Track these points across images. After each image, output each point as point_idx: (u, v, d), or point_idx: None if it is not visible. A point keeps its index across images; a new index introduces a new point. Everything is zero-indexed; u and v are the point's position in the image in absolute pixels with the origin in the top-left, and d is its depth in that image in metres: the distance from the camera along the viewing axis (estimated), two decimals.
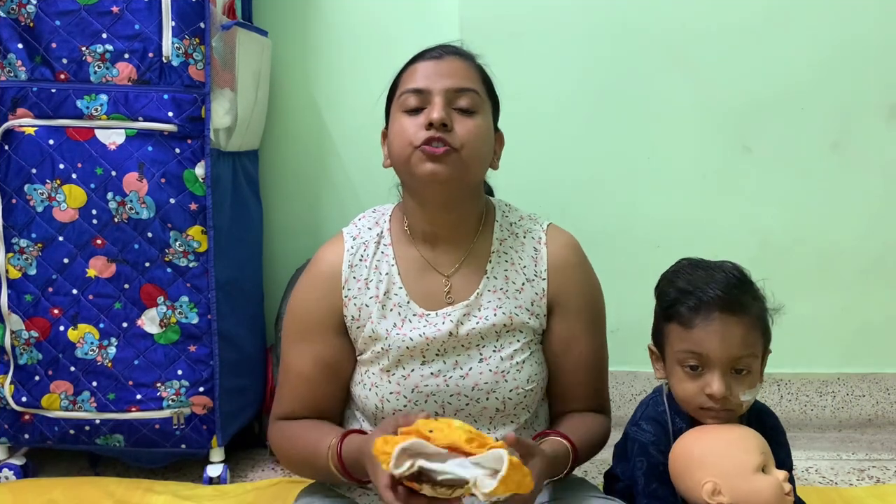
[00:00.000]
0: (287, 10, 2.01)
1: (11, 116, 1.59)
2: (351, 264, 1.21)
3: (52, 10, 1.57)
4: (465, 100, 1.15)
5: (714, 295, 1.14)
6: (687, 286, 1.17)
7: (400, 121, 1.16)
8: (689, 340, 1.15)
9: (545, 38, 1.97)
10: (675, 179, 2.00)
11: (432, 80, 1.15)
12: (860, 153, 1.97)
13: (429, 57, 1.19)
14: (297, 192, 2.08)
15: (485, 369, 1.15)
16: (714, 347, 1.13)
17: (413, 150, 1.12)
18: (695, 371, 1.16)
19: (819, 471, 1.80)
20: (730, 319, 1.14)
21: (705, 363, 1.15)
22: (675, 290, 1.19)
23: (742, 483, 1.09)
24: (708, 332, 1.14)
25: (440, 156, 1.10)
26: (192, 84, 1.60)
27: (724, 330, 1.13)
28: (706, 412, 1.16)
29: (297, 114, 2.05)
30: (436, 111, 1.12)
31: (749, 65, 1.95)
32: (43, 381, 1.65)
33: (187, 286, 1.64)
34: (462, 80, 1.16)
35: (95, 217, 1.61)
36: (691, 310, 1.15)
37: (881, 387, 2.03)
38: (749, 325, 1.15)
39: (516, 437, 0.95)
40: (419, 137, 1.12)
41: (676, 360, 1.18)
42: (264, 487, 1.67)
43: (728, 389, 1.14)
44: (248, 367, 1.86)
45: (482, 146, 1.17)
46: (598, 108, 1.98)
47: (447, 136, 1.12)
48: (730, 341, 1.13)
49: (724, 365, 1.14)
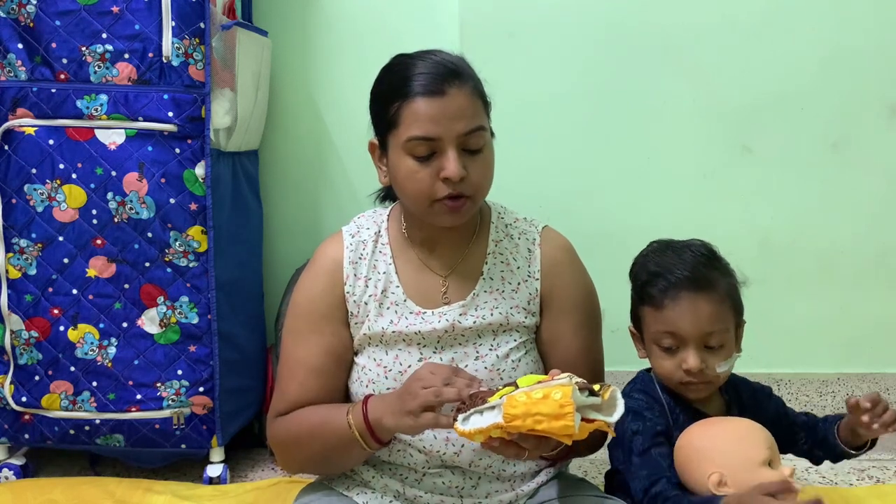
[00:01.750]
0: (287, 10, 2.01)
1: (11, 116, 1.59)
2: (352, 261, 1.21)
3: (52, 10, 1.57)
4: (474, 139, 1.12)
5: (682, 275, 1.19)
6: (656, 268, 1.23)
7: (407, 165, 1.12)
8: (661, 321, 1.20)
9: (545, 38, 1.97)
10: (675, 179, 2.00)
11: (442, 127, 1.09)
12: (860, 153, 1.97)
13: (430, 92, 1.10)
14: (297, 192, 2.08)
15: (480, 367, 1.16)
16: (685, 325, 1.18)
17: (431, 203, 1.12)
18: (670, 349, 1.21)
19: (819, 471, 1.80)
20: (698, 297, 1.18)
21: (679, 341, 1.19)
22: (646, 273, 1.24)
23: (748, 476, 1.10)
24: (678, 311, 1.19)
25: (459, 207, 1.12)
26: (192, 84, 1.60)
27: (694, 308, 1.18)
28: (686, 386, 1.21)
29: (297, 114, 2.05)
30: (454, 168, 1.09)
31: (749, 65, 1.95)
32: (43, 381, 1.65)
33: (187, 286, 1.64)
34: (470, 119, 1.11)
35: (95, 217, 1.61)
36: (661, 291, 1.20)
37: (881, 387, 2.03)
38: (718, 301, 1.19)
39: None
40: (437, 193, 1.11)
41: (652, 340, 1.23)
42: (264, 487, 1.67)
43: (703, 363, 1.18)
44: (248, 367, 1.86)
45: (491, 178, 1.18)
46: (597, 108, 1.98)
47: (464, 187, 1.11)
48: (700, 318, 1.18)
49: (697, 341, 1.18)
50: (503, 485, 1.18)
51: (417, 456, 1.16)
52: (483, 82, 1.18)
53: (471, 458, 1.15)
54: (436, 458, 1.15)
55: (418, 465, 1.16)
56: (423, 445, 1.15)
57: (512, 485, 1.18)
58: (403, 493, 1.16)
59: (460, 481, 1.16)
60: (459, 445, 1.15)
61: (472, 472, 1.16)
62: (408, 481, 1.17)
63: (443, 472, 1.16)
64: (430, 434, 1.15)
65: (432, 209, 1.13)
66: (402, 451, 1.16)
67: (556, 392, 0.93)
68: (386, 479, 1.17)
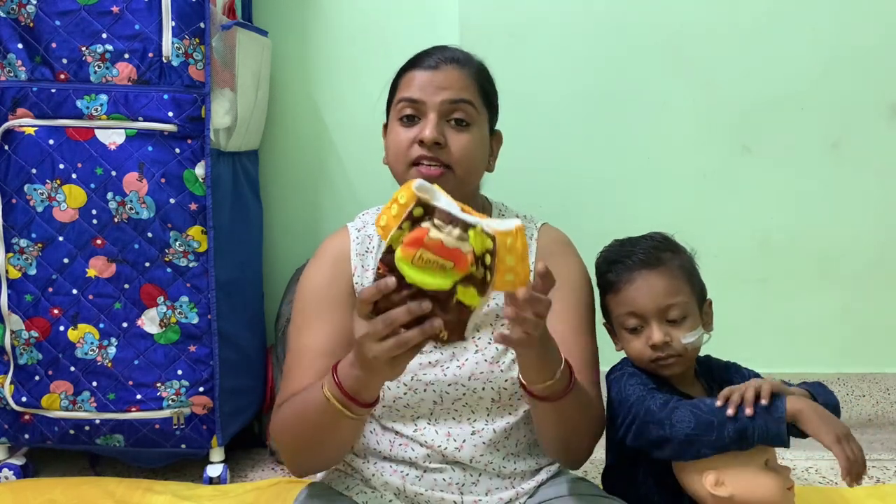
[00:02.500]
0: (287, 10, 2.01)
1: (11, 116, 1.59)
2: (358, 253, 1.22)
3: (52, 10, 1.57)
4: (459, 112, 1.16)
5: (635, 259, 1.25)
6: (614, 257, 1.28)
7: (395, 129, 1.18)
8: (622, 303, 1.24)
9: (545, 39, 1.97)
10: (675, 179, 2.00)
11: (427, 92, 1.16)
12: (860, 153, 1.97)
13: (426, 66, 1.18)
14: (297, 192, 2.08)
15: (480, 359, 1.16)
16: (643, 301, 1.22)
17: (407, 167, 1.15)
18: (636, 330, 1.23)
19: (819, 471, 1.80)
20: (650, 274, 1.23)
21: (641, 319, 1.22)
22: (605, 263, 1.29)
23: (744, 476, 1.10)
24: (633, 289, 1.23)
25: (436, 177, 1.13)
26: (192, 84, 1.60)
27: (648, 284, 1.22)
28: (659, 364, 1.23)
29: (297, 114, 2.05)
30: (428, 129, 1.14)
31: (749, 65, 1.96)
32: (43, 381, 1.65)
33: (187, 286, 1.64)
34: (457, 91, 1.17)
35: (95, 217, 1.62)
36: (617, 275, 1.25)
37: (881, 387, 2.03)
38: (671, 275, 1.23)
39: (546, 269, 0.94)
40: (412, 154, 1.15)
41: (620, 325, 1.26)
42: (264, 487, 1.67)
43: (668, 336, 1.21)
44: (247, 367, 1.86)
45: (476, 160, 1.19)
46: (597, 108, 1.98)
47: (441, 153, 1.14)
48: (655, 292, 1.22)
49: (658, 315, 1.21)
50: (503, 482, 1.18)
51: (419, 450, 1.16)
52: (496, 94, 1.23)
53: (471, 454, 1.15)
54: (437, 454, 1.16)
55: (419, 460, 1.16)
56: (426, 440, 1.15)
57: (512, 482, 1.19)
58: (404, 491, 1.16)
59: (461, 478, 1.16)
60: (461, 441, 1.15)
61: (472, 469, 1.16)
62: (409, 478, 1.17)
63: (444, 468, 1.16)
64: (432, 429, 1.15)
65: (409, 174, 1.15)
66: (404, 446, 1.17)
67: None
68: (386, 476, 1.17)
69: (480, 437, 1.17)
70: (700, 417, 1.10)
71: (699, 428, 1.10)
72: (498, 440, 1.18)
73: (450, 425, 1.17)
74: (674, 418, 1.11)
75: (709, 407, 1.11)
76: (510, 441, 1.19)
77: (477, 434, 1.17)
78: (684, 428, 1.10)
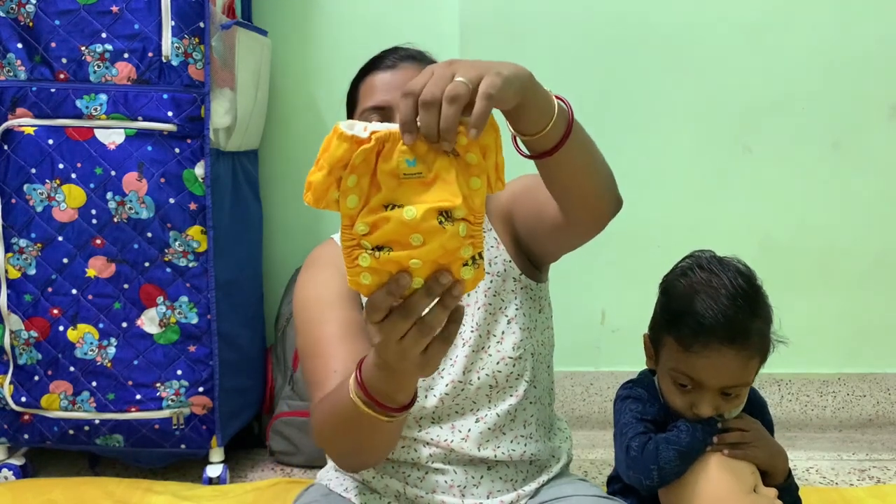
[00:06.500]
0: (287, 10, 2.01)
1: (11, 116, 1.59)
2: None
3: (52, 10, 1.57)
4: None
5: (715, 322, 1.11)
6: (690, 305, 1.14)
7: None
8: (684, 362, 1.15)
9: (545, 39, 1.97)
10: (675, 179, 2.00)
11: (391, 95, 1.13)
12: (861, 153, 1.97)
13: (384, 66, 1.17)
14: (297, 192, 2.06)
15: (468, 351, 1.16)
16: (708, 376, 1.14)
17: None
18: (685, 387, 1.17)
19: (819, 471, 1.80)
20: (728, 351, 1.12)
21: (696, 385, 1.15)
22: (678, 303, 1.17)
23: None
24: (704, 360, 1.13)
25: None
26: (192, 84, 1.60)
27: (721, 361, 1.12)
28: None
29: (297, 114, 2.05)
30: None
31: (749, 65, 1.95)
32: (42, 381, 1.65)
33: (187, 286, 1.64)
34: None
35: (95, 217, 1.61)
36: (692, 333, 1.13)
37: (882, 387, 2.03)
38: (747, 357, 1.14)
39: None
40: None
41: (668, 373, 1.18)
42: (264, 487, 1.67)
43: (716, 411, 1.15)
44: (247, 367, 1.86)
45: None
46: (597, 108, 1.98)
47: None
48: (724, 373, 1.13)
49: (715, 390, 1.15)
50: (505, 484, 1.17)
51: (423, 450, 1.16)
52: None
53: (479, 442, 1.14)
54: (441, 453, 1.15)
55: (422, 461, 1.16)
56: (431, 437, 1.15)
57: (514, 484, 1.18)
58: (404, 494, 1.16)
59: (462, 479, 1.16)
60: (466, 430, 1.15)
61: (477, 466, 1.16)
62: (410, 480, 1.16)
63: (446, 469, 1.16)
64: (437, 427, 1.15)
65: None
66: (408, 448, 1.16)
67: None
68: (387, 479, 1.17)
69: (485, 422, 1.16)
70: (682, 452, 1.14)
71: (684, 459, 1.14)
72: (503, 423, 1.17)
73: (453, 419, 1.16)
74: (660, 460, 1.14)
75: (685, 436, 1.15)
76: (516, 423, 1.18)
77: (481, 421, 1.16)
78: (674, 470, 1.14)
